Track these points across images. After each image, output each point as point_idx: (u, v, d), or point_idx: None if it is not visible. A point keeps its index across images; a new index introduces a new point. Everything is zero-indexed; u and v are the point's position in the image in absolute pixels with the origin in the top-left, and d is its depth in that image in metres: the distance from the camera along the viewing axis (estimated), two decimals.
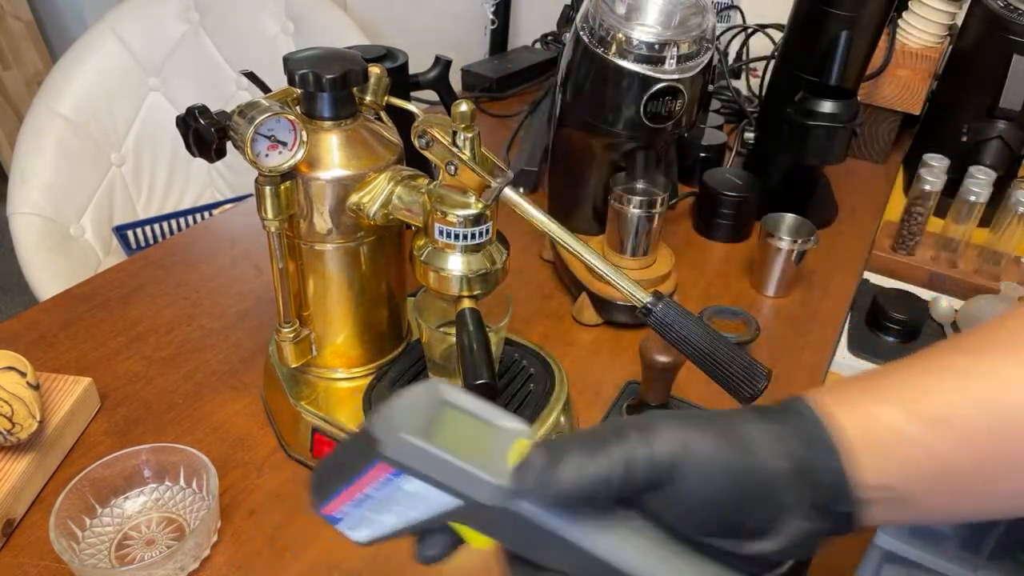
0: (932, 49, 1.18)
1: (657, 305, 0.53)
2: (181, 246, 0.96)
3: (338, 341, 0.64)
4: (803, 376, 0.79)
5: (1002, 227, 0.95)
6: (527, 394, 0.65)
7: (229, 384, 0.73)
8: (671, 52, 0.74)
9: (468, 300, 0.54)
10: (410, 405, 0.31)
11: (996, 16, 1.03)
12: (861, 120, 0.96)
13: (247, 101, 0.52)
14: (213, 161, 0.52)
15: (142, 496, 0.60)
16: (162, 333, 0.80)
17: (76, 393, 0.67)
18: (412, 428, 0.30)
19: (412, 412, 0.31)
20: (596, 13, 0.77)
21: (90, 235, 1.35)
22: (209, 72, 1.50)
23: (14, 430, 0.58)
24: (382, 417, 0.30)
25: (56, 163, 1.30)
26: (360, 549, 0.58)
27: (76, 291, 0.86)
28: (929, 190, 0.96)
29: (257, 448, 0.67)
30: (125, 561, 0.56)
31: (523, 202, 0.54)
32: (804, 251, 0.88)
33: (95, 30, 1.37)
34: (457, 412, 0.32)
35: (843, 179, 1.19)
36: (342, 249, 0.59)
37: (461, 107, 0.50)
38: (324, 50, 0.57)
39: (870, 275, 0.99)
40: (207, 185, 1.55)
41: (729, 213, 1.00)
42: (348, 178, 0.56)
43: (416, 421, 0.30)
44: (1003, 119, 1.03)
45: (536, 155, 1.12)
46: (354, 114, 0.57)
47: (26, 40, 2.26)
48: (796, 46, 0.99)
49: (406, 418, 0.30)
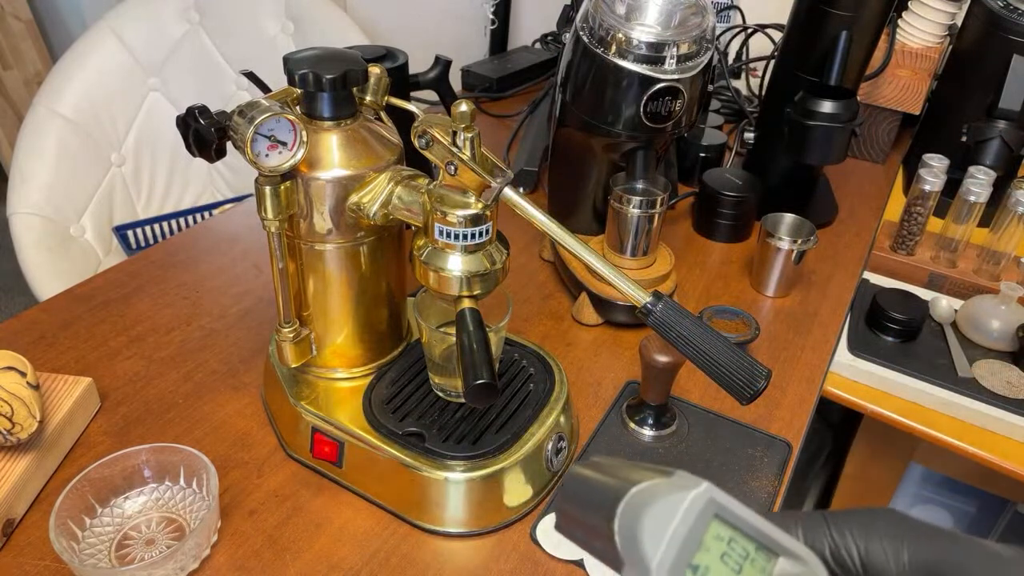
0: (932, 49, 1.18)
1: (657, 305, 0.53)
2: (181, 246, 0.96)
3: (338, 341, 0.64)
4: (803, 376, 0.79)
5: (1002, 227, 0.95)
6: (527, 394, 0.65)
7: (229, 384, 0.74)
8: (671, 52, 0.74)
9: (468, 300, 0.54)
10: (673, 510, 0.25)
11: (996, 16, 1.03)
12: (861, 120, 0.96)
13: (247, 101, 0.52)
14: (213, 161, 0.52)
15: (142, 496, 0.60)
16: (162, 333, 0.80)
17: (76, 393, 0.67)
18: (675, 567, 0.24)
19: (676, 527, 0.24)
20: (596, 13, 0.77)
21: (90, 235, 1.35)
22: (209, 72, 1.50)
23: (14, 430, 0.58)
24: (643, 534, 0.24)
25: (56, 163, 1.30)
26: (359, 548, 0.59)
27: (76, 291, 0.86)
28: (929, 190, 0.96)
29: (257, 448, 0.67)
30: (125, 561, 0.56)
31: (523, 202, 0.54)
32: (804, 251, 0.88)
33: (95, 30, 1.37)
34: (729, 533, 0.26)
35: (843, 179, 1.19)
36: (342, 249, 0.59)
37: (461, 107, 0.50)
38: (324, 50, 0.57)
39: (870, 275, 0.99)
40: (207, 185, 1.55)
41: (729, 213, 1.00)
42: (348, 178, 0.56)
43: (681, 550, 0.24)
44: (1003, 119, 1.03)
45: (536, 155, 1.12)
46: (354, 114, 0.58)
47: (26, 40, 2.26)
48: (796, 46, 0.99)
49: (664, 534, 0.24)
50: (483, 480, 0.59)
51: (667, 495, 0.25)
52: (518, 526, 0.61)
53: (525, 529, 0.61)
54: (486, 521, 0.60)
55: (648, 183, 0.82)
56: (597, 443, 0.69)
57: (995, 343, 0.87)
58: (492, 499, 0.60)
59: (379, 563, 0.58)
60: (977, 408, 0.79)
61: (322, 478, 0.64)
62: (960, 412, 0.80)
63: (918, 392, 0.82)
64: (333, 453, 0.62)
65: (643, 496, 0.25)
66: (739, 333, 0.80)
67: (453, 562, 0.59)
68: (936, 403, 0.81)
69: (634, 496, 0.25)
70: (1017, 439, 0.78)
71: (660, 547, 0.24)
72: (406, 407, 0.63)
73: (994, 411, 0.79)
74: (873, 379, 0.83)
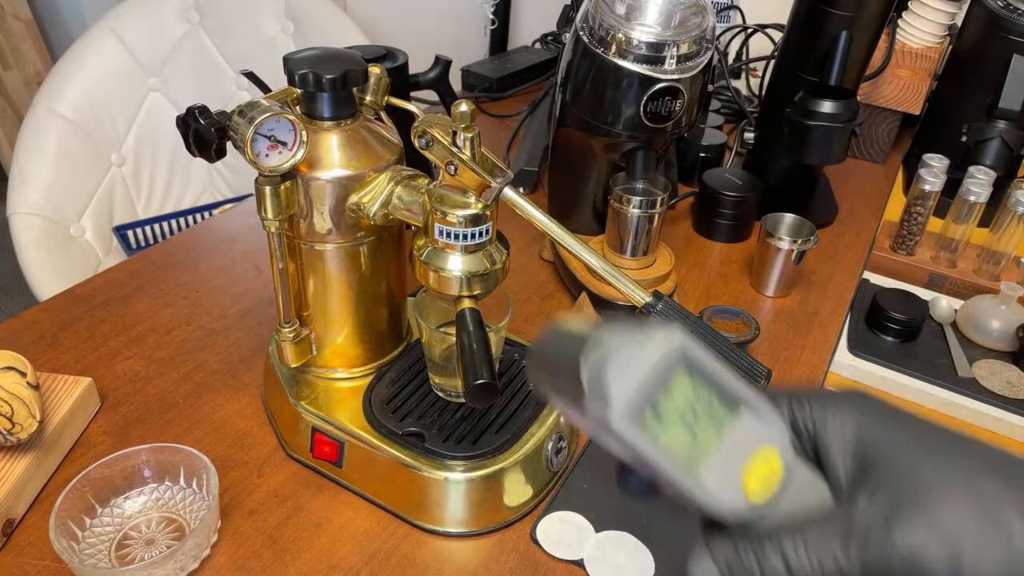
0: (932, 49, 1.18)
1: (657, 305, 0.53)
2: (181, 246, 0.96)
3: (338, 341, 0.64)
4: (803, 376, 0.79)
5: (1002, 227, 0.95)
6: (527, 394, 0.65)
7: (229, 384, 0.74)
8: (671, 52, 0.74)
9: (468, 300, 0.54)
10: (642, 356, 0.25)
11: (996, 16, 1.03)
12: (861, 120, 0.96)
13: (247, 101, 0.52)
14: (213, 161, 0.52)
15: (142, 496, 0.60)
16: (162, 333, 0.80)
17: (76, 393, 0.67)
18: (635, 403, 0.25)
19: (642, 370, 0.25)
20: (596, 13, 0.77)
21: (90, 235, 1.35)
22: (209, 72, 1.50)
23: (14, 430, 0.58)
24: (609, 370, 0.25)
25: (56, 163, 1.30)
26: (359, 548, 0.59)
27: (76, 291, 0.86)
28: (929, 190, 0.96)
29: (257, 448, 0.67)
30: (125, 561, 0.56)
31: (523, 202, 0.54)
32: (804, 251, 0.88)
33: (95, 30, 1.37)
34: (694, 382, 0.26)
35: (843, 179, 1.19)
36: (342, 249, 0.59)
37: (461, 107, 0.50)
38: (324, 50, 0.57)
39: (870, 275, 0.99)
40: (207, 185, 1.55)
41: (729, 213, 1.00)
42: (348, 178, 0.56)
43: (642, 391, 0.25)
44: (1003, 119, 1.03)
45: (536, 155, 1.12)
46: (354, 114, 0.57)
47: (26, 40, 2.26)
48: (796, 46, 0.99)
49: (628, 372, 0.25)
50: (483, 480, 0.59)
51: (639, 337, 0.26)
52: (518, 526, 0.61)
53: (525, 529, 0.61)
54: (486, 521, 0.60)
55: (648, 183, 0.82)
56: (597, 443, 0.69)
57: (995, 343, 0.86)
58: (492, 499, 0.60)
59: (379, 563, 0.58)
60: (977, 408, 0.79)
61: (322, 478, 0.64)
62: (960, 412, 0.80)
63: (918, 392, 0.82)
64: (333, 453, 0.62)
65: (615, 338, 0.26)
66: (739, 333, 0.80)
67: (453, 562, 0.59)
68: (936, 403, 0.81)
69: (606, 336, 0.26)
70: (1017, 439, 0.78)
71: (622, 383, 0.25)
72: (406, 407, 0.63)
73: (994, 411, 0.79)
74: (873, 379, 0.83)
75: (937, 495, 0.25)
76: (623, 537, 0.60)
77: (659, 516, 0.62)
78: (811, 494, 0.28)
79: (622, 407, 0.25)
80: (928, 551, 0.24)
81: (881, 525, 0.25)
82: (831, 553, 0.26)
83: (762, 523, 0.27)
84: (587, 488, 0.64)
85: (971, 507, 0.25)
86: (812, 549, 0.26)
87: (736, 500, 0.27)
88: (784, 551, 0.26)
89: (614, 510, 0.62)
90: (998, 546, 0.24)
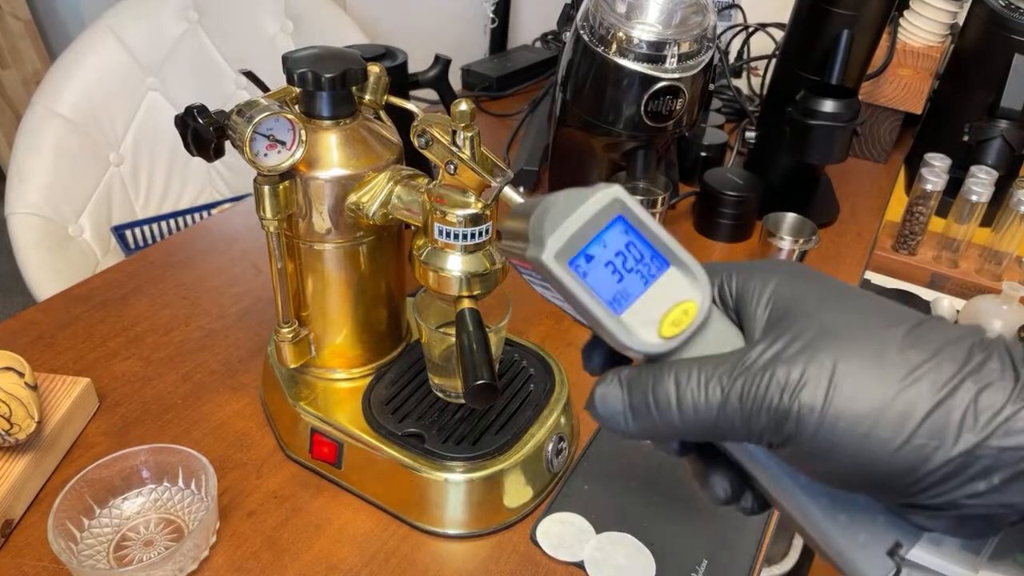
0: (933, 48, 1.17)
1: None
2: (180, 246, 0.96)
3: (337, 341, 0.64)
4: None
5: (1004, 227, 0.94)
6: (527, 394, 0.65)
7: (228, 384, 0.73)
8: (672, 51, 0.74)
9: (468, 300, 0.54)
10: (580, 208, 0.28)
11: (997, 15, 1.03)
12: (862, 119, 0.96)
13: (246, 100, 0.52)
14: (212, 160, 0.52)
15: (140, 497, 0.60)
16: (160, 333, 0.80)
17: (74, 393, 0.66)
18: (568, 246, 0.28)
19: (578, 219, 0.28)
20: (596, 12, 0.76)
21: (88, 235, 1.34)
22: (208, 71, 1.49)
23: (12, 431, 0.58)
24: (547, 219, 0.28)
25: (54, 163, 1.30)
26: (358, 549, 0.58)
27: (74, 291, 0.85)
28: (930, 190, 0.96)
29: (256, 449, 0.66)
30: (124, 562, 0.56)
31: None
32: (805, 251, 0.88)
33: (93, 29, 1.37)
34: (629, 236, 0.29)
35: (844, 178, 1.19)
36: (341, 249, 0.59)
37: (461, 106, 0.50)
38: (323, 49, 0.56)
39: (871, 275, 0.99)
40: (206, 185, 1.55)
41: (730, 213, 1.00)
42: (347, 177, 0.55)
43: (576, 236, 0.28)
44: (1004, 118, 1.03)
45: (536, 154, 1.11)
46: (353, 113, 0.57)
47: (24, 39, 2.26)
48: (797, 45, 0.99)
49: (564, 220, 0.28)
50: (483, 481, 0.58)
51: (580, 192, 0.28)
52: (518, 527, 0.61)
53: (525, 530, 0.61)
54: (486, 522, 0.60)
55: (649, 182, 0.82)
56: (598, 444, 0.68)
57: None
58: (492, 500, 0.60)
59: (378, 564, 0.57)
60: None
61: (321, 479, 0.64)
62: None
63: None
64: (332, 454, 0.62)
65: (560, 193, 0.29)
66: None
67: (453, 563, 0.58)
68: None
69: (554, 195, 0.29)
70: None
71: (558, 229, 0.28)
72: (405, 408, 0.63)
73: None
74: None
75: (828, 338, 0.26)
76: (623, 538, 0.60)
77: (660, 517, 0.61)
78: (725, 344, 0.29)
79: (555, 249, 0.28)
80: (805, 384, 0.25)
81: (768, 360, 0.26)
82: (717, 381, 0.27)
83: (670, 358, 0.29)
84: (587, 489, 0.64)
85: (856, 351, 0.26)
86: (703, 375, 0.27)
87: (650, 338, 0.29)
88: (678, 375, 0.28)
89: (614, 511, 0.62)
90: (875, 388, 0.25)
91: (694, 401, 0.27)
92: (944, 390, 0.24)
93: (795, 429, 0.26)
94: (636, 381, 0.29)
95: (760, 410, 0.26)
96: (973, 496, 0.24)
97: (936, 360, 0.25)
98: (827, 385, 0.25)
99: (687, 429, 0.28)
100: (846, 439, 0.25)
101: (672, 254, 0.29)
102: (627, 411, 0.29)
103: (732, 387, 0.27)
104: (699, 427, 0.28)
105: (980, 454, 0.24)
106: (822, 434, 0.25)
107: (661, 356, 0.29)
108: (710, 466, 0.32)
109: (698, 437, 0.29)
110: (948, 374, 0.25)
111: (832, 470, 0.26)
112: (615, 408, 0.29)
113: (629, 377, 0.29)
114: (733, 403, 0.27)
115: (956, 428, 0.24)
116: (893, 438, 0.24)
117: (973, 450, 0.24)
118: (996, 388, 0.24)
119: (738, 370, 0.27)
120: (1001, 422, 0.24)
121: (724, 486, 0.31)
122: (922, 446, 0.24)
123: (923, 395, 0.24)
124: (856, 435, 0.25)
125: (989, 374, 0.24)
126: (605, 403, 0.30)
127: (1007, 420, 0.24)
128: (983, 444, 0.24)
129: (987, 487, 0.24)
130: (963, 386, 0.24)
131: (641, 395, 0.29)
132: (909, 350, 0.25)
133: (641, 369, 0.29)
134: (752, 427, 0.27)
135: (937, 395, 0.24)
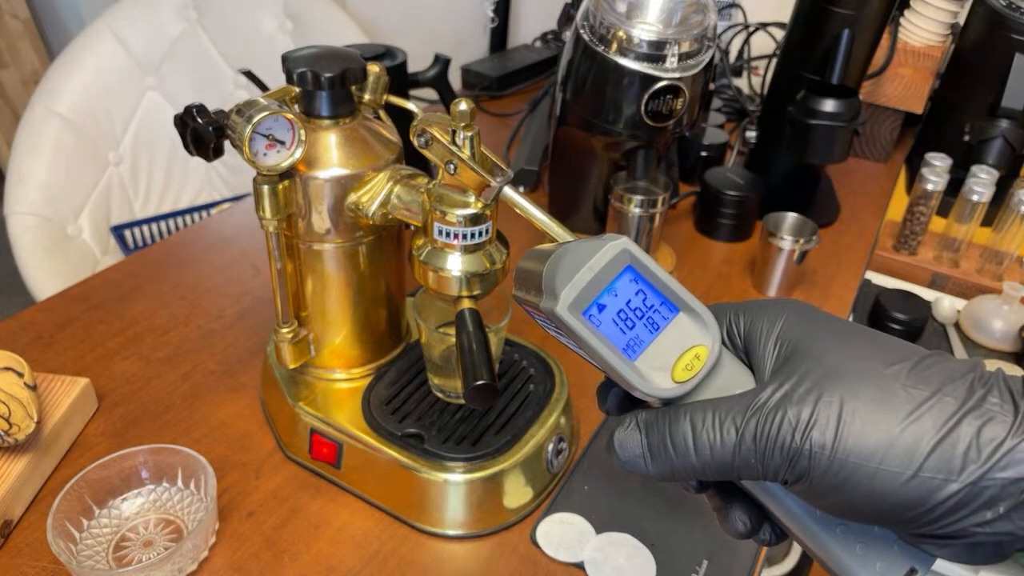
0: (934, 48, 1.17)
1: None
2: (179, 246, 0.95)
3: (337, 341, 0.64)
4: None
5: (1005, 227, 0.94)
6: (527, 395, 0.65)
7: (227, 385, 0.73)
8: (672, 50, 0.74)
9: (468, 300, 0.54)
10: (591, 260, 0.30)
11: (998, 15, 1.03)
12: (863, 119, 0.95)
13: (245, 100, 0.51)
14: (211, 160, 0.52)
15: (140, 497, 0.60)
16: (160, 333, 0.79)
17: (73, 394, 0.66)
18: (580, 298, 0.29)
19: (589, 271, 0.29)
20: (597, 11, 0.76)
21: (87, 235, 1.34)
22: (207, 71, 1.49)
23: (11, 431, 0.58)
24: (559, 271, 0.29)
25: (53, 162, 1.29)
26: (358, 550, 0.58)
27: (73, 291, 0.85)
28: (931, 189, 0.96)
29: (255, 449, 0.66)
30: (123, 563, 0.56)
31: (523, 201, 0.53)
32: (806, 251, 0.88)
33: (93, 29, 1.37)
34: (639, 285, 0.30)
35: (845, 178, 1.19)
36: (341, 249, 0.59)
37: (460, 106, 0.49)
38: (323, 48, 0.56)
39: (872, 275, 0.99)
40: (205, 184, 1.55)
41: (730, 212, 0.99)
42: (347, 177, 0.55)
43: (588, 288, 0.29)
44: (1005, 118, 1.03)
45: (536, 154, 1.11)
46: (353, 113, 0.57)
47: (24, 39, 2.25)
48: (798, 44, 0.99)
49: (575, 272, 0.29)
50: (483, 482, 0.58)
51: (590, 244, 0.30)
52: (518, 528, 0.61)
53: (525, 531, 0.60)
54: (486, 523, 0.60)
55: (649, 182, 0.81)
56: (598, 444, 0.68)
57: (998, 343, 0.86)
58: (492, 501, 0.59)
59: (378, 565, 0.57)
60: None
61: (321, 480, 0.64)
62: None
63: None
64: (332, 454, 0.62)
65: (570, 245, 0.31)
66: None
67: (452, 564, 0.58)
68: None
69: (564, 246, 0.31)
70: None
71: (570, 281, 0.29)
72: (405, 408, 0.62)
73: None
74: None
75: (834, 378, 0.27)
76: (624, 539, 0.60)
77: (660, 517, 0.61)
78: (736, 385, 0.30)
79: (568, 301, 0.29)
80: (815, 424, 0.27)
81: (779, 401, 0.28)
82: (732, 422, 0.28)
83: (684, 400, 0.30)
84: (588, 490, 0.64)
85: (863, 390, 0.27)
86: (717, 417, 0.29)
87: (664, 383, 0.30)
88: (693, 418, 0.29)
89: (615, 512, 0.62)
90: (882, 425, 0.26)
91: (710, 442, 0.28)
92: (948, 425, 0.25)
93: (808, 466, 0.27)
94: (653, 425, 0.30)
95: (774, 449, 0.27)
96: (981, 524, 0.25)
97: (939, 396, 0.26)
98: (836, 424, 0.26)
99: (704, 469, 0.29)
100: (857, 474, 0.26)
101: (680, 300, 0.31)
102: (646, 454, 0.30)
103: (746, 428, 0.28)
104: (716, 467, 0.29)
105: (985, 485, 0.25)
106: (834, 471, 0.26)
107: (676, 399, 0.30)
108: (729, 502, 0.33)
109: (715, 476, 0.29)
110: (951, 410, 0.26)
111: (845, 504, 0.27)
112: (635, 452, 0.31)
113: (647, 421, 0.31)
114: (748, 443, 0.28)
115: (961, 461, 0.25)
116: (902, 472, 0.25)
117: (978, 481, 0.25)
118: (997, 422, 0.25)
119: (751, 411, 0.28)
120: (1004, 454, 0.25)
121: (743, 520, 0.32)
122: (929, 479, 0.25)
123: (928, 430, 0.26)
124: (866, 470, 0.26)
125: (990, 408, 0.26)
126: (624, 447, 0.31)
127: (1009, 452, 0.25)
128: (987, 476, 0.25)
129: (994, 516, 0.25)
130: (966, 420, 0.25)
131: (659, 438, 0.30)
132: (913, 388, 0.26)
133: (658, 413, 0.31)
134: (767, 465, 0.28)
135: (941, 430, 0.25)
